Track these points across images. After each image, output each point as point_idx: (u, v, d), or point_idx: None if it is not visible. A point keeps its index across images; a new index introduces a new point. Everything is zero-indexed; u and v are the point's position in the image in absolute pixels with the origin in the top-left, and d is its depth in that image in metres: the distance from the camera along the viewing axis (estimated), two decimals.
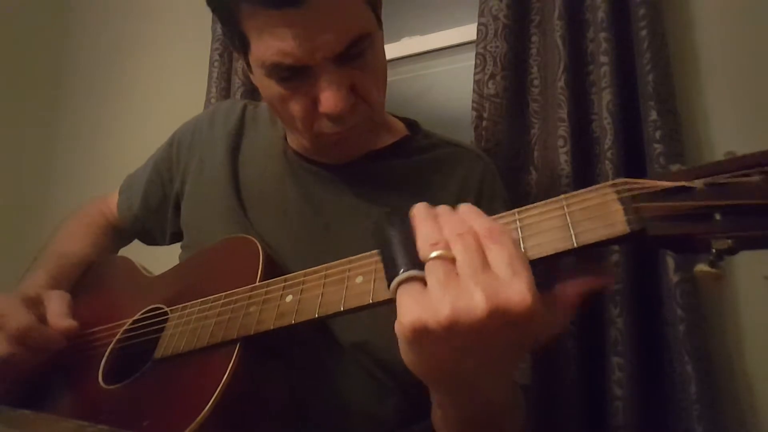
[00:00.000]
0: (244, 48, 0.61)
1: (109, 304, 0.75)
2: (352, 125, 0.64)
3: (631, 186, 0.38)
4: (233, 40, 0.63)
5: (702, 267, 0.35)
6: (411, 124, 0.81)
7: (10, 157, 1.74)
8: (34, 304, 0.67)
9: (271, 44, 0.57)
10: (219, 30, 1.38)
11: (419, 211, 0.42)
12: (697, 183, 0.36)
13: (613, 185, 0.39)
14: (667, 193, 0.37)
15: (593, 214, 0.39)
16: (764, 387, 0.86)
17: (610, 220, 0.38)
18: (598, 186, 0.40)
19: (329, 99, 0.59)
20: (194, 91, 1.45)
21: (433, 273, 0.37)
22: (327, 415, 0.62)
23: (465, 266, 0.37)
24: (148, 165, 0.88)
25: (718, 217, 0.35)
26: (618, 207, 0.38)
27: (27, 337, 0.63)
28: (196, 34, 1.53)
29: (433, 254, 0.38)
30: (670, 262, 0.85)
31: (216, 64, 1.36)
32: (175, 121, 0.89)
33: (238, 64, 1.33)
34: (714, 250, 0.34)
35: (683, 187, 0.36)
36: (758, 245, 0.34)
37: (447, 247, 0.38)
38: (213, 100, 1.34)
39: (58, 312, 0.66)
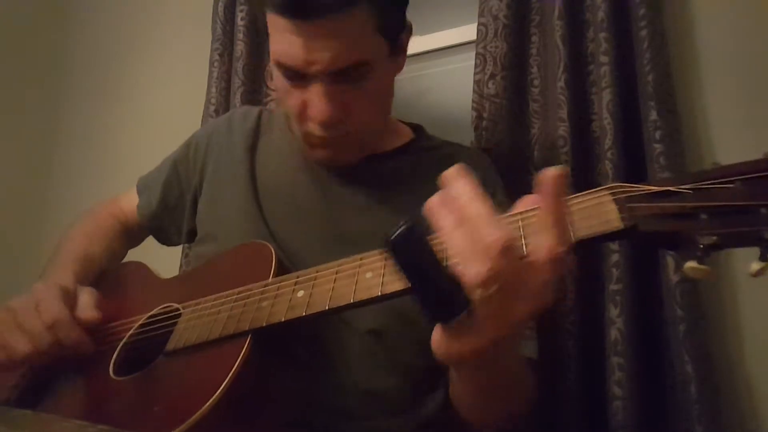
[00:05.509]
0: (267, 38, 0.68)
1: (124, 304, 0.76)
2: (336, 135, 0.68)
3: (625, 189, 0.43)
4: (260, 27, 0.71)
5: (691, 264, 0.39)
6: (416, 129, 0.87)
7: (9, 156, 1.74)
8: (71, 298, 0.68)
9: (278, 45, 0.64)
10: (219, 30, 1.37)
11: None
12: (685, 188, 0.41)
13: (609, 188, 0.44)
14: (657, 195, 0.42)
15: (591, 213, 0.43)
16: (764, 387, 0.86)
17: (606, 218, 0.42)
18: (594, 190, 0.45)
19: (315, 107, 0.65)
20: (194, 91, 1.44)
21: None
22: (331, 397, 0.65)
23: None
24: (165, 165, 0.91)
25: (704, 216, 0.39)
26: (613, 207, 0.43)
27: (58, 329, 0.63)
28: (196, 34, 1.53)
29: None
30: (670, 262, 0.85)
31: (216, 64, 1.36)
32: (175, 120, 0.89)
33: (239, 64, 1.33)
34: (701, 246, 0.39)
35: (672, 191, 0.41)
36: (740, 242, 0.39)
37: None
38: (213, 101, 1.34)
39: (86, 304, 0.67)
